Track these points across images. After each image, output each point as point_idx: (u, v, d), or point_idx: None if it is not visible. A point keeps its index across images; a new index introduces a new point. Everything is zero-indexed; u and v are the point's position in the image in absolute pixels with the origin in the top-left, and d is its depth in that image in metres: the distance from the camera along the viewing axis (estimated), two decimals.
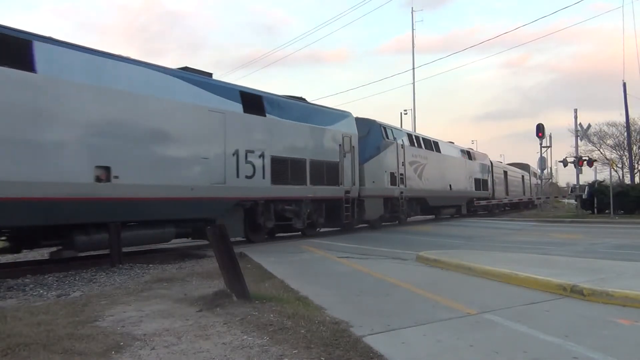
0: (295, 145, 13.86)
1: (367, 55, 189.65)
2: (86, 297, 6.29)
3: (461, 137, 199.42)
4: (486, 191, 30.33)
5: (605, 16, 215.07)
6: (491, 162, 32.63)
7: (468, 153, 28.42)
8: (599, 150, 48.26)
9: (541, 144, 28.25)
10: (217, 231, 5.80)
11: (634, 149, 42.80)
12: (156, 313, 5.21)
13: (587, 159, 29.44)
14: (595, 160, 34.12)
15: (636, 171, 42.43)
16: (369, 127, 17.99)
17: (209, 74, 12.26)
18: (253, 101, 12.59)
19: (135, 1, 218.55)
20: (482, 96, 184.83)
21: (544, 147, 29.08)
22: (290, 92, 15.24)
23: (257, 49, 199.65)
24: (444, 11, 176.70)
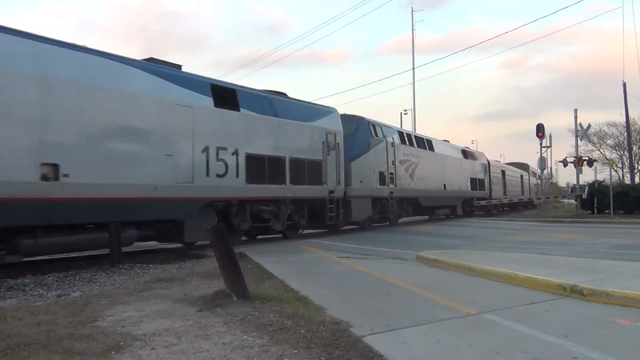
0: (274, 142, 12.99)
1: (367, 55, 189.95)
2: (86, 297, 6.29)
3: (461, 137, 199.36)
4: (483, 191, 29.69)
5: (605, 16, 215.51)
6: (488, 161, 32.13)
7: (464, 152, 27.79)
8: (599, 150, 48.37)
9: (541, 144, 28.30)
10: (217, 231, 5.80)
11: (634, 149, 42.85)
12: (156, 313, 5.22)
13: (587, 159, 29.48)
14: (595, 160, 34.17)
15: (636, 171, 42.48)
16: (356, 124, 17.20)
17: (178, 66, 11.46)
18: (225, 95, 11.77)
19: (135, 1, 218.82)
20: (482, 96, 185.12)
21: (544, 147, 29.15)
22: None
23: (257, 49, 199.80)
24: (444, 11, 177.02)
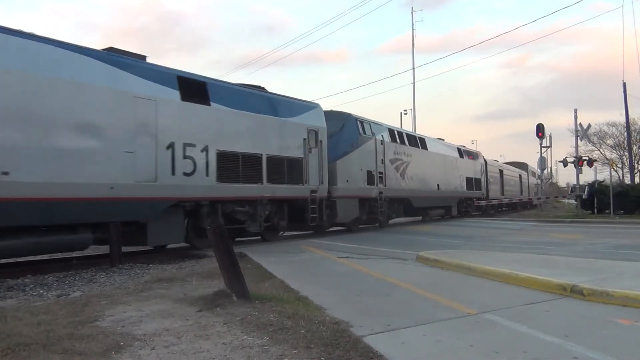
0: (249, 138, 12.23)
1: (367, 55, 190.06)
2: (86, 297, 6.29)
3: (461, 137, 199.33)
4: (479, 191, 29.01)
5: (605, 16, 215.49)
6: (485, 160, 31.52)
7: (459, 151, 27.04)
8: (599, 150, 48.39)
9: (541, 144, 28.32)
10: (218, 231, 5.80)
11: (634, 149, 42.86)
12: (156, 313, 5.22)
13: (587, 159, 29.49)
14: (595, 160, 34.18)
15: (636, 171, 42.51)
16: (343, 122, 16.50)
17: (142, 57, 10.63)
18: (194, 88, 11.04)
19: (136, 1, 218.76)
20: (482, 96, 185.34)
21: (544, 147, 29.17)
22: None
23: (257, 49, 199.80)
24: (444, 11, 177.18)
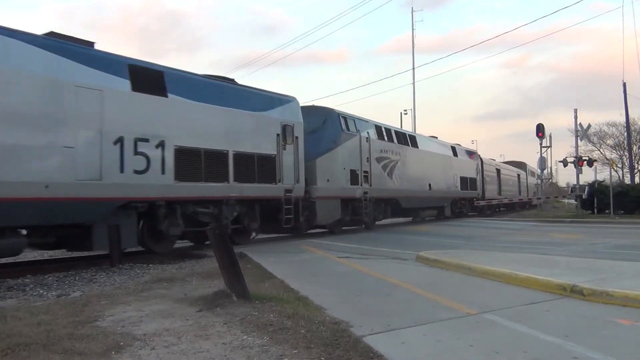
0: (213, 133, 11.25)
1: (367, 55, 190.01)
2: (86, 297, 6.29)
3: (461, 137, 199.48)
4: (475, 191, 27.96)
5: (605, 16, 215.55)
6: (481, 159, 30.57)
7: (453, 149, 25.92)
8: (599, 150, 48.44)
9: (541, 144, 28.36)
10: (218, 231, 5.80)
11: (634, 149, 42.89)
12: (156, 313, 5.22)
13: (587, 159, 29.53)
14: (595, 160, 34.21)
15: (636, 171, 42.52)
16: (324, 117, 15.57)
17: (89, 43, 9.62)
18: (148, 78, 10.13)
19: (136, 1, 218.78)
20: (482, 96, 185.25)
21: (544, 147, 29.21)
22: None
23: (257, 49, 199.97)
24: (444, 11, 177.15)
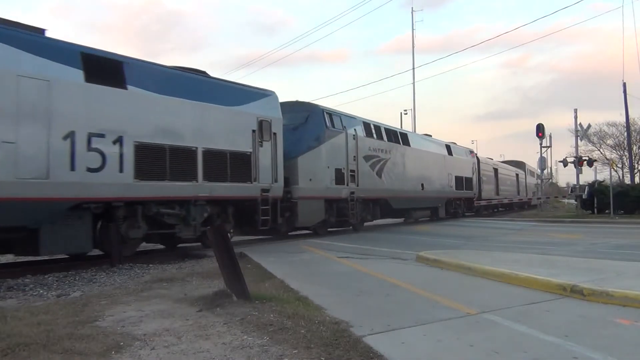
0: (179, 128, 10.45)
1: (367, 55, 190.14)
2: (86, 297, 6.29)
3: (462, 137, 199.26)
4: (470, 191, 27.12)
5: (605, 16, 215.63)
6: (478, 158, 29.94)
7: (447, 148, 25.02)
8: (599, 150, 48.52)
9: (541, 144, 28.36)
10: (218, 231, 5.80)
11: (634, 149, 42.94)
12: (156, 313, 5.22)
13: (587, 159, 29.55)
14: (595, 160, 34.23)
15: (636, 171, 42.57)
16: (307, 113, 14.87)
17: (39, 30, 8.89)
18: (104, 68, 9.36)
19: (136, 1, 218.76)
20: (483, 96, 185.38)
21: (544, 147, 29.21)
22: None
23: (257, 49, 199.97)
24: (444, 11, 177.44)
